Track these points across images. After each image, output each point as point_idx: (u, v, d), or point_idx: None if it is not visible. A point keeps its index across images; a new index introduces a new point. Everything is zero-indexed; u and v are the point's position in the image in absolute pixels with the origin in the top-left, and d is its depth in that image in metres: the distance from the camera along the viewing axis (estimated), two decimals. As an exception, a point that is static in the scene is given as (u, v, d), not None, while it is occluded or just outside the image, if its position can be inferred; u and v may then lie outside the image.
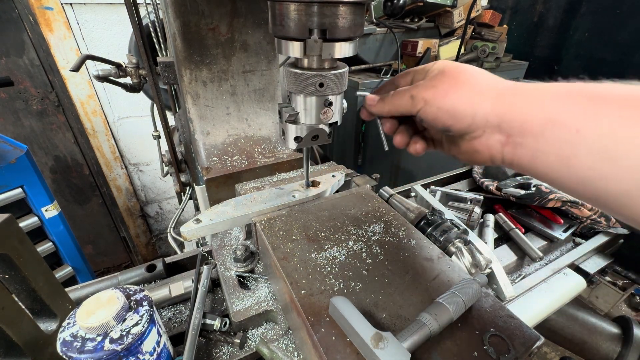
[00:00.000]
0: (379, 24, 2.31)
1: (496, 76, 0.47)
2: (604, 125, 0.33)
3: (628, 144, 0.31)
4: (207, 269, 0.81)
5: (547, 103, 0.38)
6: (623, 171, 0.32)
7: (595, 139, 0.33)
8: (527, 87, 0.41)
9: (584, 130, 0.34)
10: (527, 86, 0.42)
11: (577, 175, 0.36)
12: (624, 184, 0.32)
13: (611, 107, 0.33)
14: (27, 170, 1.50)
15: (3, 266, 0.54)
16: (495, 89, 0.44)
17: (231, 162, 1.03)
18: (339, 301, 0.52)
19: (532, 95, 0.40)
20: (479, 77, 0.46)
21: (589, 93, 0.36)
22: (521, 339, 0.51)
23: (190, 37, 0.90)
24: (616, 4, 2.24)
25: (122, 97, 2.46)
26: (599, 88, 0.36)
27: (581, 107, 0.35)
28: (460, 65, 0.48)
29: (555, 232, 1.11)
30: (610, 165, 0.33)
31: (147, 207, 3.04)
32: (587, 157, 0.34)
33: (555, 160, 0.37)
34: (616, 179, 0.33)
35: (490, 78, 0.47)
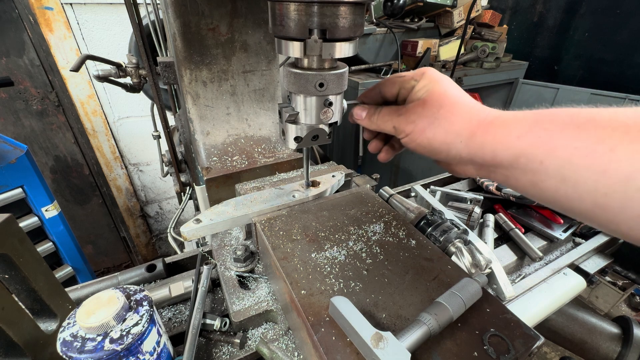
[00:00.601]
0: (379, 24, 2.32)
1: (474, 103, 0.51)
2: (563, 157, 0.38)
3: (583, 172, 0.36)
4: (207, 269, 0.81)
5: (514, 141, 0.43)
6: (582, 194, 0.37)
7: (557, 168, 0.38)
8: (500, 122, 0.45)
9: (546, 162, 0.39)
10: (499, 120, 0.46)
11: (546, 196, 0.41)
12: (585, 204, 0.37)
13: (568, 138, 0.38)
14: (27, 170, 1.50)
15: (3, 266, 0.54)
16: (469, 127, 0.48)
17: (231, 162, 1.03)
18: (339, 301, 0.52)
19: (501, 134, 0.44)
20: (458, 109, 0.49)
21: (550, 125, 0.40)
22: (521, 339, 0.51)
23: (190, 37, 0.90)
24: (616, 4, 2.24)
25: (122, 97, 2.46)
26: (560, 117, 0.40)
27: (543, 140, 0.40)
28: (443, 92, 0.51)
29: (555, 232, 1.11)
30: (572, 189, 0.38)
31: (147, 207, 3.04)
32: (551, 182, 0.39)
33: (526, 183, 0.43)
34: (578, 200, 0.38)
35: (469, 109, 0.49)
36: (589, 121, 0.37)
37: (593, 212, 0.37)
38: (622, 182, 0.34)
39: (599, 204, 0.36)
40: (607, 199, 0.35)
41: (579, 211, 0.39)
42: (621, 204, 0.34)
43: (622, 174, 0.34)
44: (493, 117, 0.47)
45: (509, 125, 0.44)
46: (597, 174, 0.35)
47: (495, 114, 0.47)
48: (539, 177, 0.40)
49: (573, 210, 0.40)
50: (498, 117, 0.46)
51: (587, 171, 0.36)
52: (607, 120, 0.36)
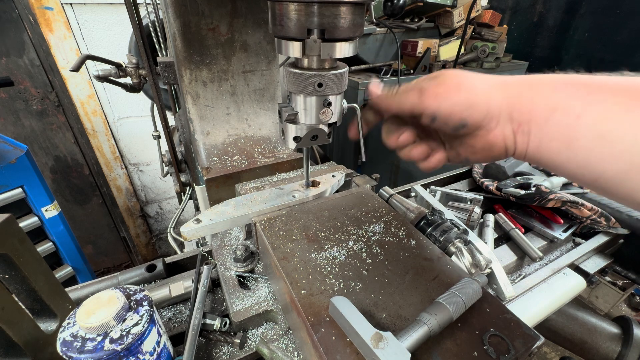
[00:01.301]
0: (379, 24, 2.31)
1: (496, 75, 0.49)
2: (601, 112, 0.36)
3: (622, 128, 0.35)
4: (207, 269, 0.81)
5: (549, 93, 0.41)
6: (618, 153, 0.35)
7: (593, 123, 0.37)
8: (531, 79, 0.44)
9: (584, 116, 0.37)
10: (530, 78, 0.44)
11: (578, 159, 0.39)
12: (620, 164, 0.35)
13: (606, 95, 0.36)
14: (27, 170, 1.50)
15: (3, 266, 0.54)
16: (502, 82, 0.46)
17: (231, 162, 1.03)
18: (339, 301, 0.52)
19: (536, 86, 0.43)
20: (482, 75, 0.48)
21: (586, 82, 0.39)
22: (521, 339, 0.51)
23: (190, 37, 0.90)
24: (616, 4, 2.24)
25: (122, 97, 2.46)
26: (595, 78, 0.39)
27: (580, 95, 0.38)
28: (459, 70, 0.50)
29: (555, 232, 1.11)
30: (607, 148, 0.36)
31: (147, 207, 3.04)
32: (586, 140, 0.37)
33: (559, 145, 0.40)
34: (612, 161, 0.36)
35: (493, 76, 0.49)
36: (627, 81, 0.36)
37: (627, 174, 0.35)
38: None
39: (636, 163, 0.34)
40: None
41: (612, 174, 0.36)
42: None
43: None
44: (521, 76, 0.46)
45: (542, 80, 0.43)
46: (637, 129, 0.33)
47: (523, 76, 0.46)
48: (574, 134, 0.38)
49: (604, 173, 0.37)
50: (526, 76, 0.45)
51: (627, 125, 0.34)
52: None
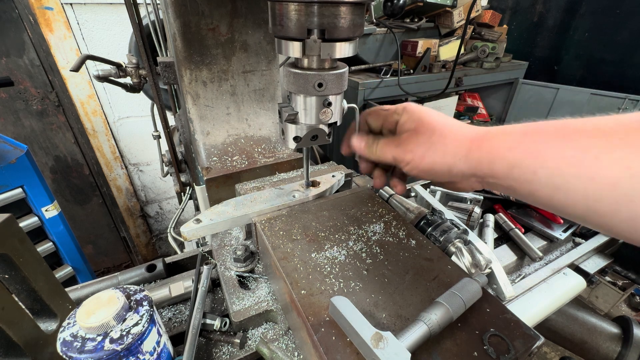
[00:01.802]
0: (379, 24, 2.32)
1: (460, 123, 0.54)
2: (553, 167, 0.40)
3: (573, 180, 0.38)
4: (207, 269, 0.81)
5: (506, 153, 0.45)
6: (575, 200, 0.39)
7: (549, 177, 0.40)
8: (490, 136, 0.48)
9: (539, 172, 0.41)
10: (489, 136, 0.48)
11: (543, 203, 0.43)
12: (579, 209, 0.39)
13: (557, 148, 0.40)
14: (27, 170, 1.50)
15: (3, 266, 0.54)
16: (464, 145, 0.50)
17: (231, 162, 1.03)
18: (339, 301, 0.52)
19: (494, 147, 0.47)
20: (448, 132, 0.52)
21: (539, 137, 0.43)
22: (521, 339, 0.51)
23: (190, 37, 0.90)
24: (616, 4, 2.24)
25: (122, 97, 2.46)
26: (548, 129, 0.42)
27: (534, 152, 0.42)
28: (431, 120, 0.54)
29: (555, 232, 1.11)
30: (564, 197, 0.40)
31: (147, 207, 3.04)
32: (545, 191, 0.42)
33: (523, 192, 0.45)
34: (572, 206, 0.40)
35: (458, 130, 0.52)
36: (575, 131, 0.39)
37: (587, 216, 0.39)
38: (610, 188, 0.35)
39: (592, 209, 0.38)
40: (598, 204, 0.37)
41: (575, 216, 0.41)
42: (612, 208, 0.36)
43: (609, 181, 0.35)
44: (483, 133, 0.49)
45: (499, 139, 0.47)
46: (586, 182, 0.37)
47: (484, 130, 0.49)
48: (534, 187, 0.42)
49: (569, 215, 0.42)
50: (487, 132, 0.49)
51: (577, 179, 0.38)
52: (592, 130, 0.38)
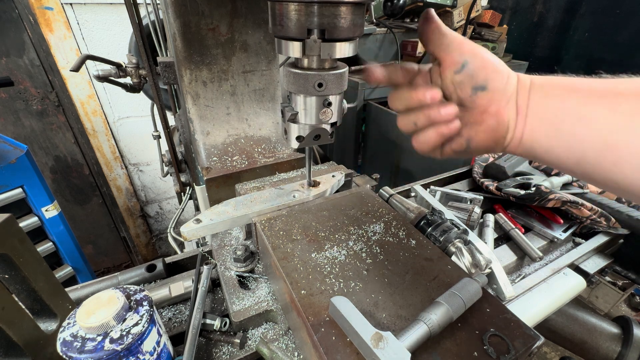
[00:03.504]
0: (379, 24, 2.32)
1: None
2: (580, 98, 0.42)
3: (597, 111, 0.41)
4: (207, 269, 0.81)
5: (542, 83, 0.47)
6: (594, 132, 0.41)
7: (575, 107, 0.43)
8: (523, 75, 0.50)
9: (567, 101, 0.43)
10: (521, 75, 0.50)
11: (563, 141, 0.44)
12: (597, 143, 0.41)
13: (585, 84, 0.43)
14: (27, 170, 1.49)
15: (3, 266, 0.54)
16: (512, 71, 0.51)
17: (231, 162, 1.03)
18: (339, 301, 0.52)
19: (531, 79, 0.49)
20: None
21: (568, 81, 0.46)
22: (521, 338, 0.51)
23: (190, 37, 0.90)
24: (616, 4, 2.24)
25: (122, 97, 2.46)
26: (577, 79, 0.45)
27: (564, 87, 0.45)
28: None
29: (555, 232, 1.11)
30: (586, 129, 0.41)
31: (147, 207, 3.04)
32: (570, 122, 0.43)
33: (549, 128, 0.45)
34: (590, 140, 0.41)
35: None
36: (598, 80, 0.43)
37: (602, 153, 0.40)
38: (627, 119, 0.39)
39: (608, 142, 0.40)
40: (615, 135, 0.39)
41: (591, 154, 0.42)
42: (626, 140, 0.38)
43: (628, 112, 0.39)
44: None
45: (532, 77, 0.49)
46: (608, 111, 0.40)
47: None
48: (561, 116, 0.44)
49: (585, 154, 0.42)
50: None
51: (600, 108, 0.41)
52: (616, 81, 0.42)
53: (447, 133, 0.52)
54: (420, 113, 0.52)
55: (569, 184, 1.28)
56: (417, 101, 0.52)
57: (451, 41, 0.49)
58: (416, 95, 0.52)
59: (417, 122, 0.53)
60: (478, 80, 0.48)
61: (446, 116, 0.51)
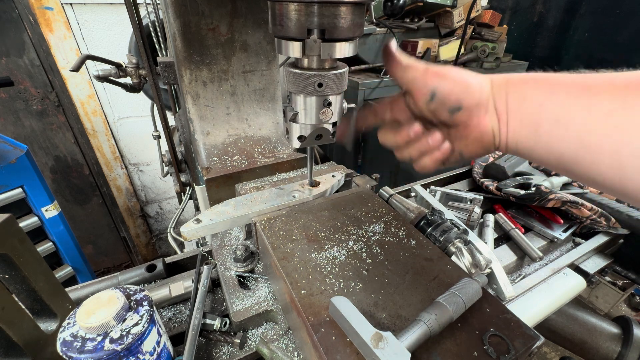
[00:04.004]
0: (379, 24, 2.32)
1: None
2: (557, 100, 0.42)
3: (572, 112, 0.41)
4: (207, 269, 0.81)
5: (520, 86, 0.47)
6: (571, 134, 0.41)
7: (552, 110, 0.43)
8: (508, 77, 0.49)
9: (545, 104, 0.43)
10: (507, 76, 0.50)
11: (543, 143, 0.45)
12: (572, 145, 0.41)
13: (563, 87, 0.43)
14: (27, 170, 1.49)
15: (3, 266, 0.54)
16: (488, 78, 0.50)
17: (231, 162, 1.03)
18: (339, 301, 0.52)
19: (511, 82, 0.48)
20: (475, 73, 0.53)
21: (548, 78, 0.45)
22: (521, 338, 0.51)
23: (190, 37, 0.90)
24: (616, 4, 2.24)
25: (122, 97, 2.46)
26: (555, 75, 0.45)
27: (542, 87, 0.45)
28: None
29: (555, 232, 1.11)
30: (563, 130, 0.42)
31: (147, 207, 3.04)
32: (547, 125, 0.43)
33: (528, 130, 0.46)
34: (567, 142, 0.42)
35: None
36: (579, 77, 0.42)
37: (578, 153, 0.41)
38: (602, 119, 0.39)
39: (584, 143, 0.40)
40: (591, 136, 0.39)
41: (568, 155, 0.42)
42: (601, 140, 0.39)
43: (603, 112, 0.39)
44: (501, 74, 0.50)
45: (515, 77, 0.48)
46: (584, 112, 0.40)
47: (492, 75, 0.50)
48: (538, 120, 0.45)
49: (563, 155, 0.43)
50: (505, 74, 0.50)
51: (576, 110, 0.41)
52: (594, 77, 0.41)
53: (440, 157, 0.56)
54: (411, 148, 0.57)
55: (569, 184, 1.28)
56: (403, 140, 0.57)
57: (414, 74, 0.51)
58: (400, 136, 0.57)
59: (411, 155, 0.58)
60: (451, 104, 0.49)
61: (434, 144, 0.55)
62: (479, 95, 0.49)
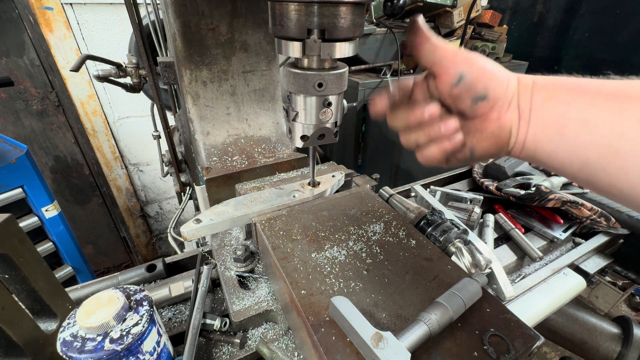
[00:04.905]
0: (379, 24, 2.31)
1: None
2: (586, 101, 0.41)
3: (602, 115, 0.39)
4: (207, 269, 0.81)
5: (546, 85, 0.46)
6: (599, 138, 0.39)
7: (580, 110, 0.41)
8: (525, 76, 0.48)
9: (572, 104, 0.42)
10: (524, 75, 0.49)
11: (567, 145, 0.42)
12: (601, 149, 0.39)
13: (592, 86, 0.42)
14: (27, 170, 1.49)
15: (3, 266, 0.54)
16: (513, 73, 0.49)
17: (231, 162, 1.03)
18: (339, 301, 0.52)
19: (535, 80, 0.47)
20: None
21: (573, 82, 0.44)
22: (521, 338, 0.51)
23: (190, 37, 0.90)
24: (616, 4, 2.24)
25: (122, 97, 2.46)
26: (581, 80, 0.44)
27: (569, 89, 0.43)
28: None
29: (555, 232, 1.11)
30: (590, 134, 0.40)
31: (147, 207, 3.04)
32: (574, 126, 0.41)
33: (552, 131, 0.44)
34: (595, 146, 0.40)
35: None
36: (607, 82, 0.42)
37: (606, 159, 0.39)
38: (636, 124, 0.37)
39: (614, 147, 0.38)
40: (621, 140, 0.38)
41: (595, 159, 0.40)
42: (633, 145, 0.37)
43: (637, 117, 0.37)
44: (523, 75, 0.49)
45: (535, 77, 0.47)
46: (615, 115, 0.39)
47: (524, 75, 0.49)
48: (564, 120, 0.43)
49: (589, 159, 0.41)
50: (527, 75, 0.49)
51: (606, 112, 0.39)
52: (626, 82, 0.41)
53: (450, 149, 0.51)
54: (421, 131, 0.51)
55: (569, 184, 1.28)
56: (415, 120, 0.51)
57: (444, 54, 0.47)
58: (414, 114, 0.50)
59: (419, 140, 0.52)
60: (477, 91, 0.46)
61: (447, 132, 0.50)
62: (505, 88, 0.46)
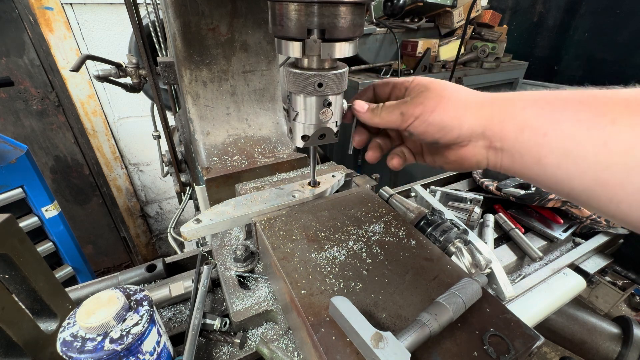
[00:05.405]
0: (379, 24, 2.32)
1: (472, 90, 0.52)
2: (565, 130, 0.38)
3: (584, 146, 0.37)
4: (207, 269, 0.81)
5: (518, 112, 0.44)
6: (583, 170, 0.37)
7: (559, 141, 0.39)
8: (502, 98, 0.47)
9: (549, 135, 0.39)
10: (501, 97, 0.47)
11: (548, 174, 0.41)
12: (585, 181, 0.37)
13: (571, 112, 0.38)
14: (27, 170, 1.50)
15: (3, 266, 0.54)
16: (475, 102, 0.49)
17: (231, 162, 1.03)
18: (339, 301, 0.52)
19: (506, 105, 0.45)
20: (460, 92, 0.51)
21: (552, 100, 0.41)
22: (521, 338, 0.51)
23: (190, 37, 0.90)
24: (616, 4, 2.24)
25: (122, 97, 2.46)
26: (561, 94, 0.41)
27: (546, 113, 0.40)
28: (441, 82, 0.53)
29: (555, 232, 1.11)
30: (572, 165, 0.38)
31: (147, 207, 3.04)
32: (553, 157, 0.39)
33: (530, 160, 0.42)
34: (578, 177, 0.38)
35: (469, 92, 0.51)
36: (591, 97, 0.38)
37: (593, 190, 0.37)
38: (623, 154, 0.34)
39: (600, 180, 0.36)
40: (608, 172, 0.35)
41: (580, 190, 0.38)
42: (621, 177, 0.34)
43: (623, 146, 0.34)
44: (495, 95, 0.48)
45: (512, 100, 0.45)
46: (598, 147, 0.35)
47: (496, 94, 0.48)
48: (543, 152, 0.40)
49: (573, 189, 0.39)
50: (499, 94, 0.48)
51: (589, 143, 0.36)
52: (609, 97, 0.37)
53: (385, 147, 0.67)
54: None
55: (569, 184, 1.28)
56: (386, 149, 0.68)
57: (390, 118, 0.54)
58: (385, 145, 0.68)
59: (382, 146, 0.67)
60: (428, 139, 0.52)
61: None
62: (457, 132, 0.49)
